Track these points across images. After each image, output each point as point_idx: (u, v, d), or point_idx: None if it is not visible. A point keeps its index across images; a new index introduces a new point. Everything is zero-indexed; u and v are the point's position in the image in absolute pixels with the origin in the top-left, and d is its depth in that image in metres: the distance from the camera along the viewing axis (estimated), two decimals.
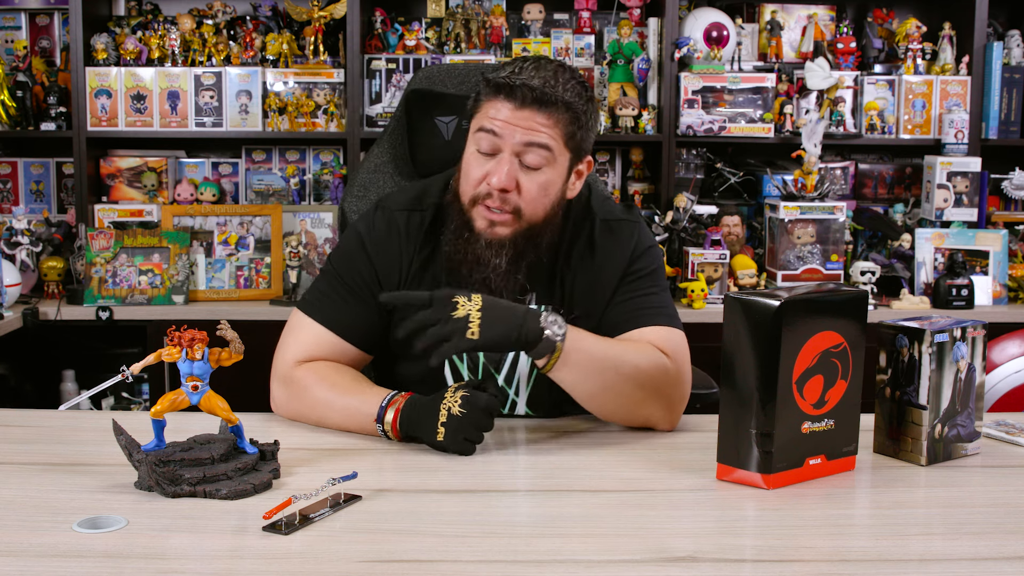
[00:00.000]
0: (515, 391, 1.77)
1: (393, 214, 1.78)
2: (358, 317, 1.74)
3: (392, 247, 1.76)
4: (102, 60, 3.54)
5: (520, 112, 1.64)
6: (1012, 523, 1.29)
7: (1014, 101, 3.63)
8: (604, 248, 1.77)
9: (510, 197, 1.66)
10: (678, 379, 1.67)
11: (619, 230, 1.79)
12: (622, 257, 1.76)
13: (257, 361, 1.70)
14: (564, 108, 1.65)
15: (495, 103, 1.66)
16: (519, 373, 1.77)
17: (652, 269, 1.78)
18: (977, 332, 1.52)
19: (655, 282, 1.77)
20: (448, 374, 1.76)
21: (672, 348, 1.69)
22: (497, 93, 1.65)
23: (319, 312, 1.74)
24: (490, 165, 1.66)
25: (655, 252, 1.81)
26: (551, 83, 1.64)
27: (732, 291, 1.94)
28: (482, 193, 1.67)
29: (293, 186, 3.71)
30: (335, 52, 3.69)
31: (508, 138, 1.64)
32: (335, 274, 1.77)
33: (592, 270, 1.76)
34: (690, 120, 3.53)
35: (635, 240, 1.78)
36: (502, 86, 1.65)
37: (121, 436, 1.37)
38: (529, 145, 1.64)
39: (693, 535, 1.23)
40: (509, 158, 1.65)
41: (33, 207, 3.74)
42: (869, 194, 3.83)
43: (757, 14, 3.81)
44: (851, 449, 1.47)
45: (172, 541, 1.20)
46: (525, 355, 1.64)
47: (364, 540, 1.20)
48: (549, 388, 1.72)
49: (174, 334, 1.35)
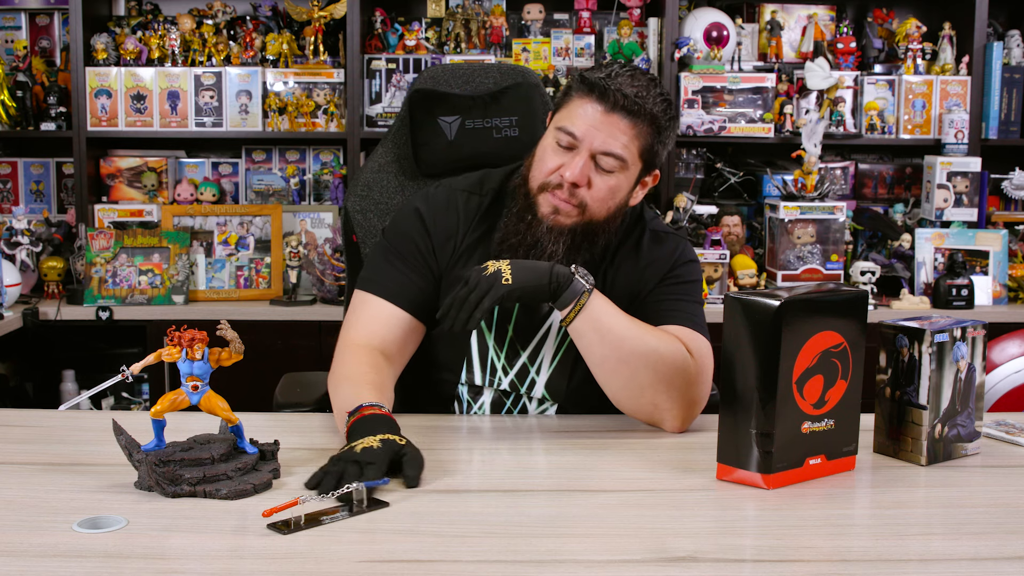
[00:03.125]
0: (536, 370, 1.80)
1: (454, 192, 1.84)
2: (413, 286, 1.78)
3: (450, 221, 1.81)
4: (102, 60, 3.54)
5: (608, 117, 1.68)
6: (1012, 523, 1.29)
7: (1014, 101, 3.63)
8: (649, 254, 1.82)
9: (579, 192, 1.70)
10: (696, 378, 1.68)
11: (666, 240, 1.84)
12: (664, 263, 1.81)
13: (257, 361, 1.71)
14: (649, 121, 1.70)
15: (585, 101, 1.69)
16: (543, 354, 1.79)
17: (690, 280, 1.83)
18: (977, 332, 1.52)
19: (690, 292, 1.82)
20: (474, 343, 1.79)
21: (695, 349, 1.70)
22: (590, 92, 1.69)
23: (376, 285, 1.78)
24: (566, 158, 1.70)
25: (696, 267, 1.86)
26: (642, 94, 1.68)
27: (732, 291, 1.94)
28: (553, 183, 1.71)
29: (293, 186, 3.71)
30: (335, 52, 3.69)
31: (590, 139, 1.68)
32: (390, 248, 1.82)
33: (635, 272, 1.81)
34: (690, 120, 3.53)
35: (679, 252, 1.84)
36: (596, 86, 1.68)
37: (121, 436, 1.37)
38: (607, 152, 1.69)
39: (693, 535, 1.23)
40: (586, 156, 1.69)
41: (33, 207, 3.74)
42: (869, 194, 3.83)
43: (757, 14, 3.81)
44: (851, 449, 1.47)
45: (172, 541, 1.20)
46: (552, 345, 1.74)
47: (364, 540, 1.20)
48: (570, 373, 1.77)
49: (174, 334, 1.35)
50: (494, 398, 1.82)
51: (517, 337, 1.79)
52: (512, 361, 1.79)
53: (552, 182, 1.71)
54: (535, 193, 1.73)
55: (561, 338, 1.79)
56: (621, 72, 1.70)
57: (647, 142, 1.71)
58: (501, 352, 1.80)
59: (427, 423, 1.76)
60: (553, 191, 1.71)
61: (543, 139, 1.76)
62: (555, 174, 1.71)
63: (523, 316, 1.79)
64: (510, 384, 1.80)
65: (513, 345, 1.80)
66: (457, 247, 1.81)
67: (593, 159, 1.69)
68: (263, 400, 1.79)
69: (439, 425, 1.76)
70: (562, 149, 1.71)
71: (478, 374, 1.80)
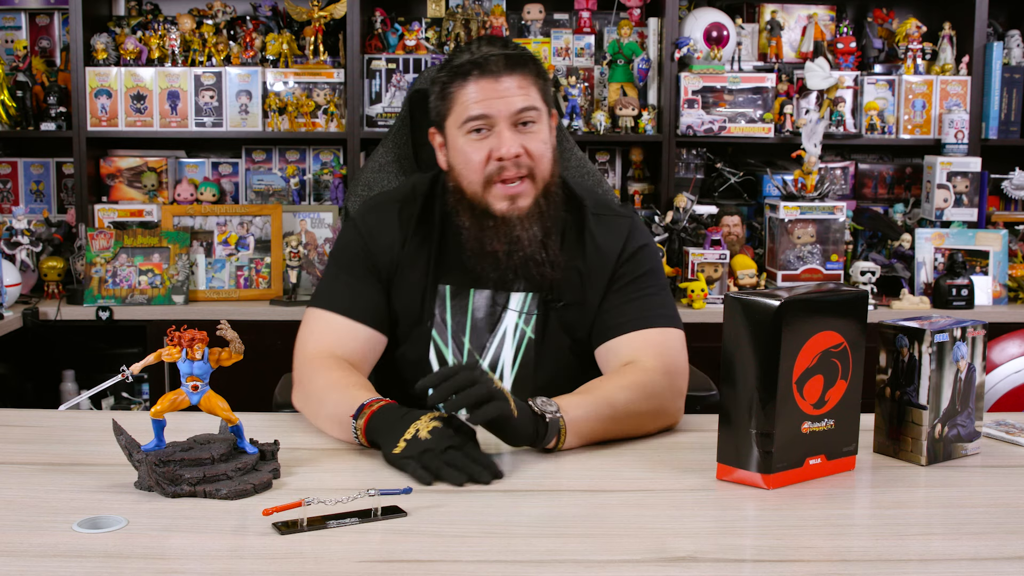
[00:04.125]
0: (500, 375, 1.78)
1: (387, 204, 1.83)
2: (366, 298, 1.76)
3: (388, 231, 1.80)
4: (102, 60, 3.54)
5: (499, 82, 1.67)
6: (1012, 523, 1.29)
7: (1014, 101, 3.63)
8: (595, 241, 1.78)
9: (522, 160, 1.69)
10: (671, 389, 1.67)
11: (612, 225, 1.80)
12: (612, 253, 1.77)
13: (257, 361, 1.71)
14: (531, 65, 1.71)
15: (468, 87, 1.68)
16: (503, 359, 1.77)
17: (648, 269, 1.79)
18: (977, 332, 1.52)
19: (653, 281, 1.78)
20: (433, 358, 1.78)
21: (667, 350, 1.70)
22: (469, 75, 1.68)
23: (326, 300, 1.77)
24: (490, 142, 1.68)
25: (650, 250, 1.81)
26: (510, 49, 1.70)
27: (732, 291, 1.94)
28: (493, 171, 1.69)
29: (293, 186, 3.71)
30: (335, 52, 3.69)
31: (501, 111, 1.67)
32: (336, 264, 1.82)
33: (582, 261, 1.77)
34: (690, 120, 3.53)
35: (628, 237, 1.79)
36: (471, 66, 1.68)
37: (121, 436, 1.37)
38: (522, 110, 1.68)
39: (693, 535, 1.23)
40: (507, 126, 1.68)
41: (33, 207, 3.74)
42: (869, 194, 3.83)
43: (757, 14, 3.81)
44: (851, 449, 1.47)
45: (172, 541, 1.20)
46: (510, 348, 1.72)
47: (364, 540, 1.20)
48: (534, 372, 1.75)
49: (174, 334, 1.35)
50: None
51: (474, 347, 1.78)
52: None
53: (492, 170, 1.69)
54: (482, 194, 1.70)
55: (518, 339, 1.77)
56: (478, 45, 1.71)
57: (541, 84, 1.72)
58: (461, 362, 1.77)
59: None
60: (498, 180, 1.69)
61: (452, 146, 1.73)
62: (491, 162, 1.68)
63: (477, 322, 1.78)
64: None
65: (472, 356, 1.78)
66: (397, 256, 1.78)
67: (514, 126, 1.68)
68: (263, 400, 1.79)
69: None
70: (480, 138, 1.69)
71: None
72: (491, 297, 1.78)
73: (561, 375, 1.75)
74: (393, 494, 1.30)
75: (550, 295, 1.76)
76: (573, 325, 1.78)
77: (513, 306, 1.78)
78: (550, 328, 1.77)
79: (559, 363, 1.78)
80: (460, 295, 1.78)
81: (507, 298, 1.78)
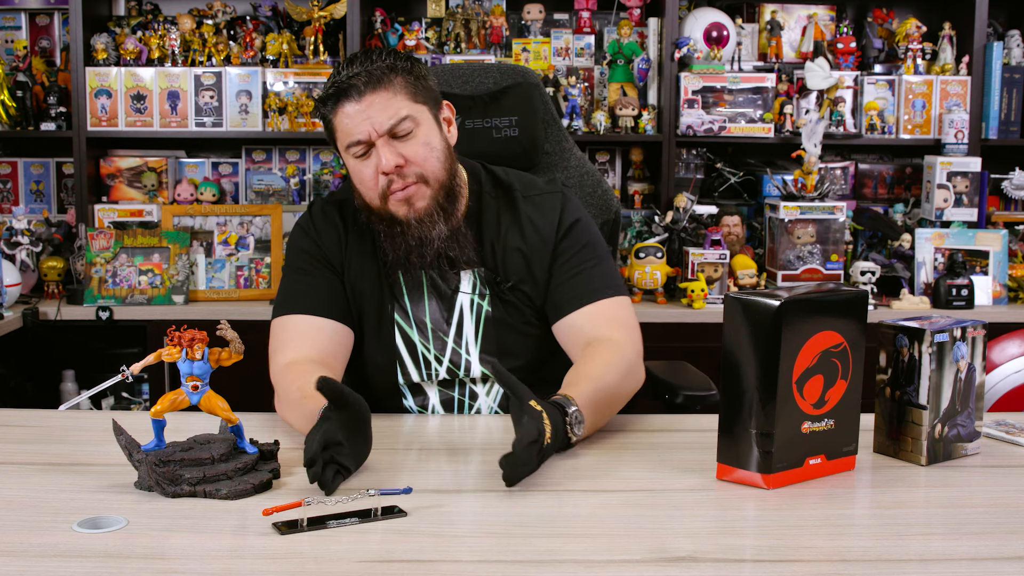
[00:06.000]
0: (466, 350, 1.83)
1: (328, 204, 1.89)
2: (324, 291, 1.81)
3: (331, 229, 1.85)
4: (102, 60, 3.54)
5: (363, 102, 1.70)
6: (1012, 523, 1.29)
7: (1014, 101, 3.63)
8: (532, 222, 1.84)
9: (406, 170, 1.73)
10: (638, 355, 1.77)
11: (543, 203, 1.87)
12: (548, 232, 1.84)
13: (257, 361, 1.71)
14: (392, 73, 1.72)
15: (339, 113, 1.72)
16: (466, 333, 1.83)
17: (586, 241, 1.86)
18: (977, 332, 1.52)
19: (593, 253, 1.85)
20: (400, 342, 1.82)
21: (617, 320, 1.79)
22: (337, 103, 1.72)
23: (289, 305, 1.81)
24: (374, 159, 1.73)
25: (584, 223, 1.88)
26: (369, 64, 1.72)
27: (732, 291, 1.94)
28: (384, 186, 1.74)
29: (293, 186, 3.71)
30: (335, 52, 3.69)
31: (370, 129, 1.71)
32: (291, 267, 1.87)
33: (522, 241, 1.83)
34: (690, 120, 3.53)
35: (561, 212, 1.86)
36: (335, 94, 1.72)
37: (121, 436, 1.37)
38: (393, 124, 1.71)
39: (693, 535, 1.23)
40: (383, 144, 1.71)
41: (33, 207, 3.74)
42: (869, 194, 3.83)
43: (757, 14, 3.81)
44: (851, 449, 1.47)
45: (172, 541, 1.20)
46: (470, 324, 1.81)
47: (364, 540, 1.20)
48: (497, 344, 1.81)
49: (174, 334, 1.35)
50: (442, 397, 1.84)
51: (436, 325, 1.82)
52: (441, 349, 1.82)
53: (383, 186, 1.74)
54: (382, 208, 1.76)
55: (476, 313, 1.82)
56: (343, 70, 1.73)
57: (410, 88, 1.73)
58: (428, 343, 1.82)
59: (426, 423, 1.76)
60: (391, 192, 1.74)
61: (348, 167, 1.78)
62: (378, 178, 1.73)
63: (434, 303, 1.83)
64: (447, 371, 1.82)
65: (436, 333, 1.82)
66: (343, 251, 1.84)
67: (390, 140, 1.71)
68: (263, 400, 1.79)
69: (438, 425, 1.76)
70: (365, 157, 1.73)
71: (413, 371, 1.83)
72: (438, 279, 1.83)
73: (525, 344, 1.83)
74: (393, 494, 1.30)
75: (497, 277, 1.82)
76: (526, 300, 1.84)
77: (464, 288, 1.83)
78: (506, 304, 1.83)
79: (520, 333, 1.84)
80: (414, 280, 1.83)
81: (458, 279, 1.83)
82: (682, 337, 3.23)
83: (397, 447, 1.58)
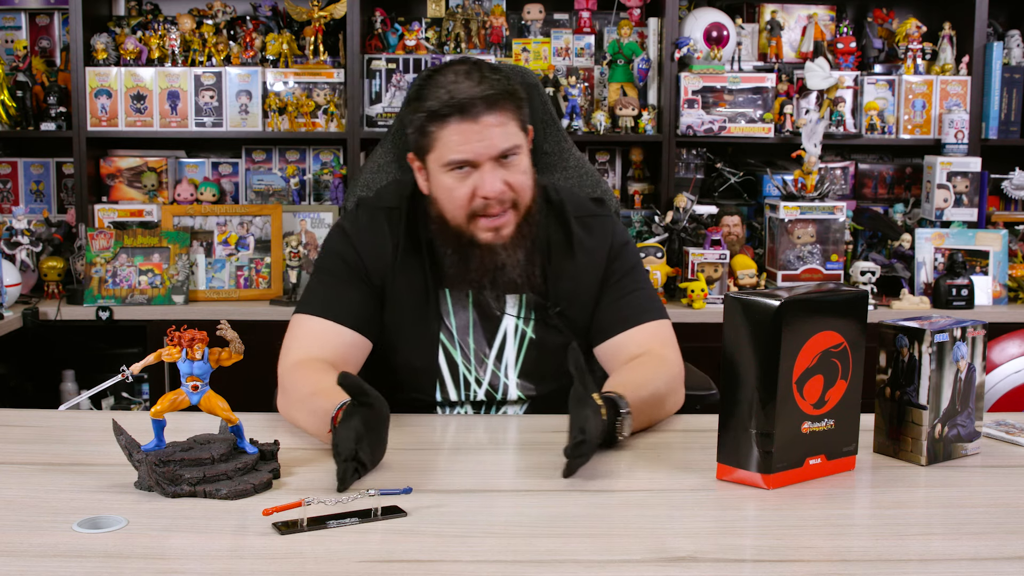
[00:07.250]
0: (505, 374, 1.82)
1: (376, 211, 1.84)
2: (351, 301, 1.78)
3: (378, 239, 1.81)
4: (102, 60, 3.54)
5: (480, 123, 1.67)
6: (1012, 523, 1.29)
7: (1014, 101, 3.63)
8: (583, 245, 1.84)
9: (505, 195, 1.72)
10: (679, 372, 1.79)
11: (594, 227, 1.87)
12: (600, 255, 1.85)
13: (257, 361, 1.71)
14: (508, 99, 1.70)
15: (449, 128, 1.68)
16: (506, 357, 1.83)
17: (632, 265, 1.87)
18: (977, 332, 1.52)
19: (636, 278, 1.86)
20: (442, 361, 1.81)
21: (664, 341, 1.81)
22: (447, 119, 1.67)
23: (312, 306, 1.78)
24: (474, 180, 1.70)
25: (631, 247, 1.90)
26: (487, 84, 1.68)
27: (732, 291, 1.94)
28: (478, 207, 1.71)
29: (293, 186, 3.71)
30: (335, 52, 3.69)
31: (482, 152, 1.68)
32: (323, 270, 1.83)
33: (573, 267, 1.83)
34: (690, 120, 3.53)
35: (612, 235, 1.87)
36: (452, 110, 1.67)
37: (121, 436, 1.37)
38: (506, 150, 1.69)
39: (693, 535, 1.23)
40: (491, 168, 1.69)
41: (33, 207, 3.74)
42: (869, 194, 3.83)
43: (757, 14, 3.81)
44: (851, 449, 1.47)
45: (172, 541, 1.20)
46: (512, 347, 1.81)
47: (364, 540, 1.20)
48: (537, 370, 1.81)
49: (174, 334, 1.35)
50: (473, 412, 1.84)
51: (479, 347, 1.81)
52: (482, 371, 1.81)
53: (477, 207, 1.71)
54: (465, 226, 1.73)
55: (519, 339, 1.82)
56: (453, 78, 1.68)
57: (519, 116, 1.73)
58: (471, 365, 1.81)
59: (425, 423, 1.76)
60: (483, 214, 1.71)
61: (434, 179, 1.73)
62: (476, 200, 1.70)
63: (479, 324, 1.81)
64: (485, 394, 1.82)
65: (478, 355, 1.81)
66: (390, 262, 1.80)
67: (496, 165, 1.69)
68: (263, 400, 1.79)
69: (438, 425, 1.76)
70: (463, 176, 1.70)
71: (452, 391, 1.82)
72: (488, 300, 1.81)
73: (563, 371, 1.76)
74: (393, 494, 1.30)
75: (545, 302, 1.81)
76: (570, 325, 1.83)
77: (510, 310, 1.82)
78: (549, 328, 1.82)
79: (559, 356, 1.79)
80: (460, 299, 1.81)
81: (504, 301, 1.82)
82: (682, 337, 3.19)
83: (397, 447, 1.58)
